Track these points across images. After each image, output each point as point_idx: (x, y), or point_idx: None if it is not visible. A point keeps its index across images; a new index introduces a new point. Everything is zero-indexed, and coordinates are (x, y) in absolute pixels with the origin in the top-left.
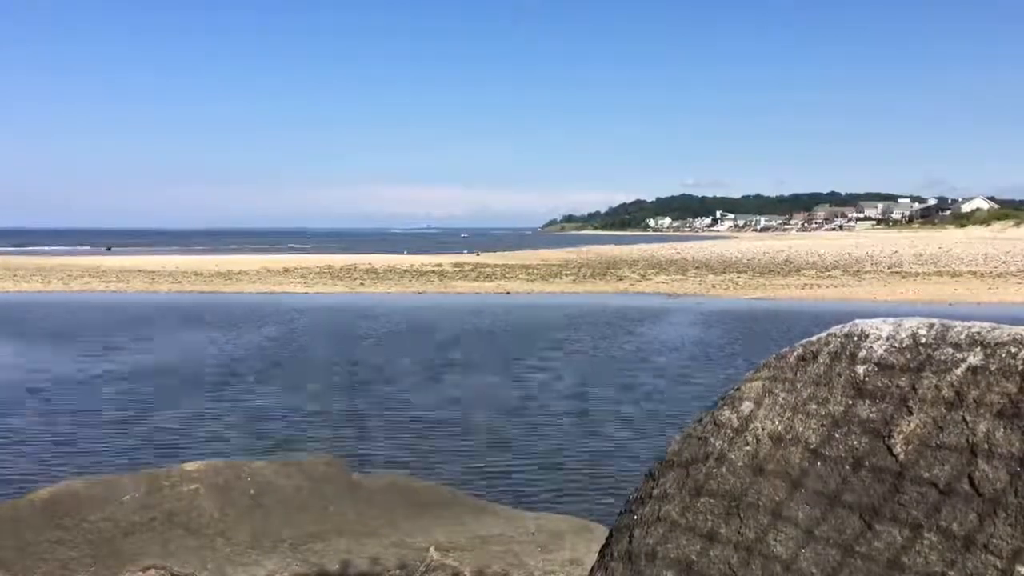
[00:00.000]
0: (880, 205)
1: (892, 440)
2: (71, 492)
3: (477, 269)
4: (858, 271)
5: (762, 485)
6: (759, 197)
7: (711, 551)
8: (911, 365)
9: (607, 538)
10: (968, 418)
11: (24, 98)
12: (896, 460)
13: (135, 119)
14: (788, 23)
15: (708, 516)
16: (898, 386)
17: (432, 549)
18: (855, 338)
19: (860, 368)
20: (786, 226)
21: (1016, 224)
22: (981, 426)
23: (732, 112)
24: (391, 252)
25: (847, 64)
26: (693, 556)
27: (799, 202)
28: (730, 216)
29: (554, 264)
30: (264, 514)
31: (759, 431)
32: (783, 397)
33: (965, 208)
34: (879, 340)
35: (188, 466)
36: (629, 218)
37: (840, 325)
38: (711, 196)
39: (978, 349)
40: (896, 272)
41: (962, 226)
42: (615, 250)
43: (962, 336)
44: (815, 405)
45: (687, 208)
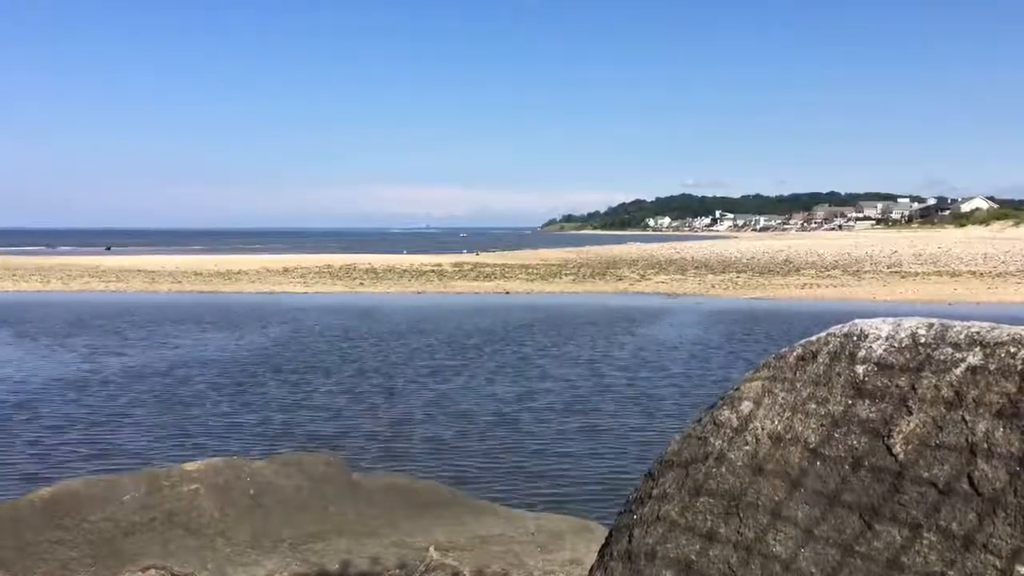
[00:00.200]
0: (880, 205)
1: (892, 440)
2: (71, 492)
3: (476, 269)
4: (857, 271)
5: (762, 485)
6: (759, 197)
7: (710, 551)
8: (910, 365)
9: (607, 538)
10: (967, 418)
11: (24, 98)
12: (896, 460)
13: (135, 119)
14: (788, 23)
15: (707, 516)
16: (897, 386)
17: (432, 549)
18: (854, 338)
19: (860, 368)
20: (785, 226)
21: (1015, 224)
22: (980, 426)
23: (732, 112)
24: (391, 252)
25: (847, 64)
26: (692, 556)
27: (799, 202)
28: (729, 216)
29: (553, 264)
30: (264, 514)
31: (759, 431)
32: (783, 397)
33: (964, 208)
34: (878, 340)
35: (188, 466)
36: (629, 218)
37: (839, 325)
38: (711, 196)
39: (977, 349)
40: (895, 272)
41: (961, 226)
42: (614, 250)
43: (961, 336)
44: (815, 405)
45: (687, 208)
